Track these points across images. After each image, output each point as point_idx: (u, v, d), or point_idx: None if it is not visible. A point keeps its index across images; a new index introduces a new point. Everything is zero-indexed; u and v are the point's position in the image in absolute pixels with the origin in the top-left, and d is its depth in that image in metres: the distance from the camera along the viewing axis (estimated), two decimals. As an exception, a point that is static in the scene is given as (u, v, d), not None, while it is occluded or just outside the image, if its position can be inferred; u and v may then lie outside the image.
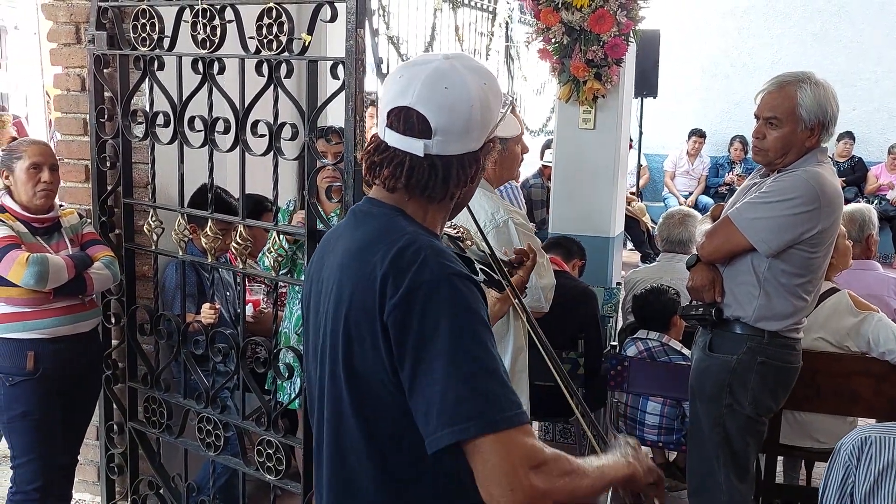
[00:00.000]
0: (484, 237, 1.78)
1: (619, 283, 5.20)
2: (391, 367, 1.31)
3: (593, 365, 3.64)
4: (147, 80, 2.86)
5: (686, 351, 3.45)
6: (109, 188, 3.11)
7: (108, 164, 3.08)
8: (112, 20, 2.95)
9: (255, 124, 2.59)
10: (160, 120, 2.84)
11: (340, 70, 2.40)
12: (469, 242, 1.82)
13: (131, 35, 2.87)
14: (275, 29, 2.48)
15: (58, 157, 2.95)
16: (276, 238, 2.76)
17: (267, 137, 2.56)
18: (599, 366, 3.68)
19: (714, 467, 2.74)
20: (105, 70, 3.02)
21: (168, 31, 2.78)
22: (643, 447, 4.13)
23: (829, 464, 1.81)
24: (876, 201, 8.67)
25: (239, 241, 2.72)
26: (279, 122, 2.54)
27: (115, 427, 3.25)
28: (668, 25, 8.16)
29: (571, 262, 4.13)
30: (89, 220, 3.05)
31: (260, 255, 3.21)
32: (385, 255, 1.33)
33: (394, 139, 1.38)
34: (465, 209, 1.59)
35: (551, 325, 2.50)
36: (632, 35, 4.82)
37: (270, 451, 2.74)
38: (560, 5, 4.74)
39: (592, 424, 1.60)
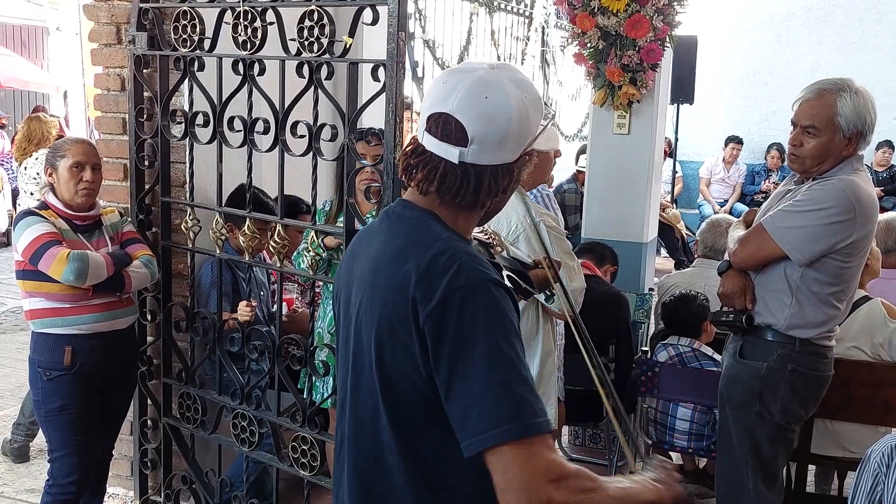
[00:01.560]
0: (536, 229, 1.77)
1: (651, 289, 5.18)
2: (426, 371, 1.33)
3: (624, 370, 3.64)
4: (187, 80, 2.92)
5: (717, 356, 3.43)
6: (147, 187, 3.17)
7: (146, 162, 3.14)
8: (152, 21, 3.01)
9: (294, 125, 2.63)
10: (199, 120, 2.89)
11: (381, 72, 2.43)
12: (499, 248, 1.83)
13: (172, 36, 2.93)
14: (316, 31, 2.52)
15: (97, 156, 3.02)
16: (314, 237, 2.80)
17: (306, 138, 2.60)
18: (630, 371, 3.67)
19: (743, 475, 2.72)
20: (145, 70, 3.08)
21: (208, 33, 2.83)
22: (672, 453, 4.07)
23: (858, 471, 1.80)
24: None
25: (277, 239, 2.76)
26: (318, 123, 2.58)
27: (150, 422, 3.30)
28: (706, 32, 8.10)
29: (604, 268, 4.12)
30: (129, 219, 3.11)
31: (294, 255, 3.25)
32: (420, 261, 1.35)
33: (431, 144, 1.40)
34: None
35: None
36: (668, 40, 4.80)
37: (305, 448, 2.78)
38: (596, 10, 4.73)
39: (626, 427, 1.60)
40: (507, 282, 1.76)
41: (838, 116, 2.51)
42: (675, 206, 8.73)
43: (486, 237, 1.84)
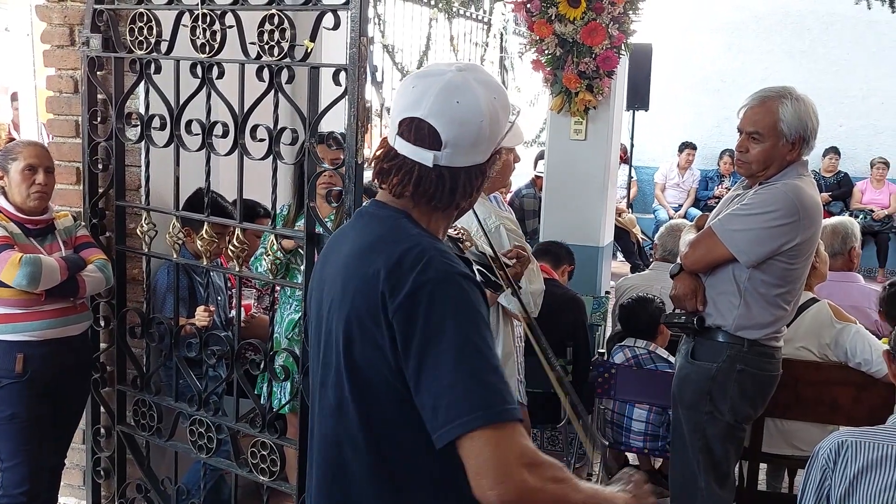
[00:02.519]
0: (486, 236, 1.81)
1: (608, 292, 5.25)
2: (395, 365, 1.34)
3: (581, 372, 3.68)
4: (143, 83, 2.88)
5: (672, 358, 3.49)
6: (101, 190, 3.12)
7: (99, 166, 3.09)
8: (107, 23, 2.96)
9: (254, 129, 2.62)
10: (156, 123, 2.86)
11: (342, 77, 2.44)
12: (468, 244, 1.86)
13: (127, 38, 2.90)
14: (276, 35, 2.51)
15: (48, 160, 2.97)
16: (274, 241, 2.79)
17: (266, 142, 2.60)
18: (587, 373, 3.72)
19: (695, 474, 2.78)
20: (99, 72, 3.03)
21: (165, 35, 2.80)
22: (628, 453, 4.11)
23: (806, 468, 1.85)
24: (861, 216, 8.77)
25: (235, 244, 2.74)
26: (278, 126, 2.58)
27: (103, 430, 3.25)
28: (661, 40, 8.24)
29: (561, 268, 4.17)
30: (83, 223, 3.07)
31: (252, 259, 3.23)
32: (390, 256, 1.36)
33: (404, 148, 1.42)
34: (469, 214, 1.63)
35: (540, 331, 2.54)
36: (623, 48, 4.89)
37: (265, 453, 2.76)
38: (553, 17, 4.80)
39: (586, 426, 1.63)
40: (476, 276, 1.79)
41: (781, 122, 2.60)
42: (630, 210, 8.86)
43: (455, 233, 1.86)
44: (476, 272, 1.80)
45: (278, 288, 3.14)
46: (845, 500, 1.75)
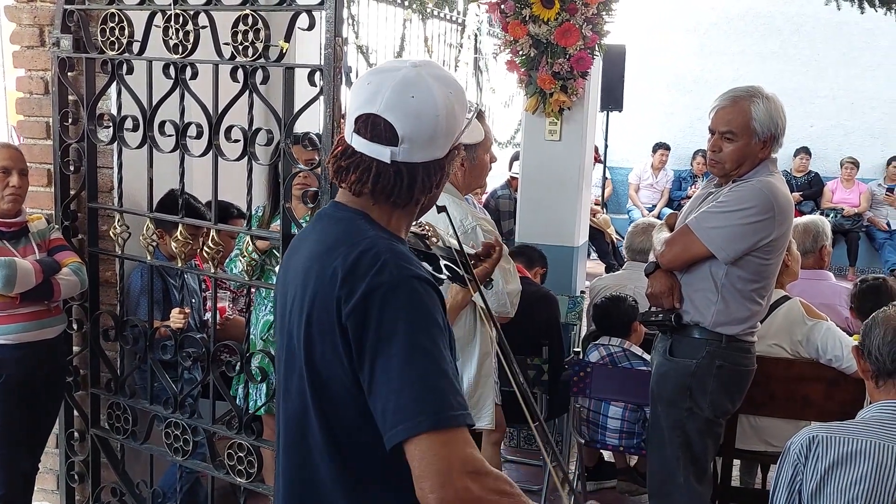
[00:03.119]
0: (455, 231, 1.81)
1: (583, 292, 5.28)
2: (350, 368, 1.34)
3: (556, 368, 3.70)
4: (115, 83, 2.86)
5: (647, 356, 3.52)
6: (73, 192, 3.09)
7: (71, 167, 3.06)
8: (78, 23, 2.94)
9: (228, 130, 2.61)
10: (128, 124, 2.84)
11: (318, 77, 2.43)
12: (435, 239, 1.85)
13: (98, 38, 2.87)
14: (251, 35, 2.50)
15: (18, 162, 2.93)
16: (249, 242, 2.78)
17: (241, 143, 2.59)
18: (562, 369, 3.74)
19: (674, 470, 2.81)
20: (70, 73, 3.01)
21: (138, 35, 2.78)
22: (604, 451, 4.13)
23: (779, 463, 1.88)
24: (831, 215, 8.89)
25: (211, 245, 2.73)
26: (253, 127, 2.57)
27: (76, 434, 3.22)
28: (634, 41, 8.31)
29: (533, 270, 4.20)
30: (57, 226, 3.04)
31: (227, 261, 3.22)
32: (345, 259, 1.36)
33: (361, 145, 1.41)
34: (435, 209, 1.63)
35: (515, 330, 2.56)
36: (597, 49, 4.92)
37: (241, 455, 2.75)
38: (527, 18, 4.82)
39: (545, 433, 1.63)
40: (444, 271, 1.79)
41: (753, 121, 2.65)
42: (605, 211, 8.91)
43: (421, 229, 1.85)
44: (444, 267, 1.80)
45: (253, 289, 3.12)
46: (817, 494, 1.77)
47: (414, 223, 1.64)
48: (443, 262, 1.80)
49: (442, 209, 1.69)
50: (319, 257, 1.42)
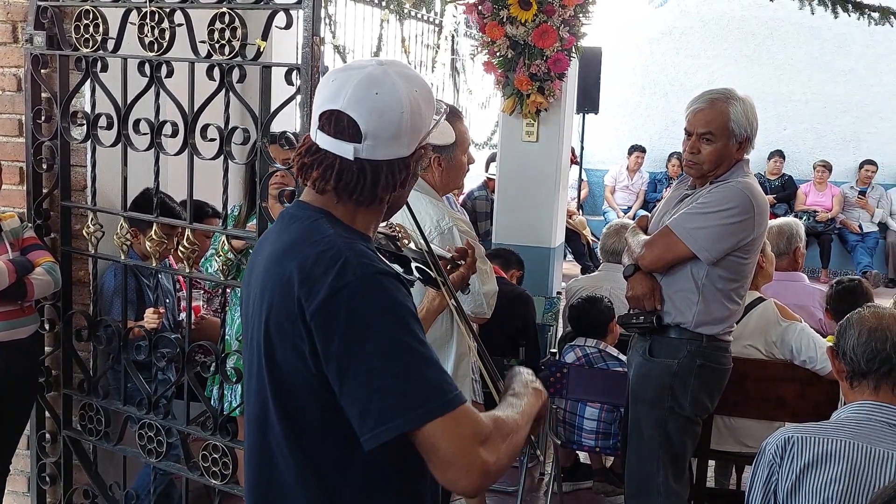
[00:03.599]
0: (422, 234, 1.79)
1: (559, 293, 5.30)
2: (315, 368, 1.32)
3: (532, 369, 3.69)
4: (89, 81, 2.83)
5: (623, 357, 3.53)
6: (45, 191, 3.05)
7: (44, 165, 3.02)
8: (52, 20, 2.90)
9: (204, 128, 2.59)
10: (102, 122, 2.81)
11: (295, 76, 2.42)
12: (406, 241, 1.83)
13: (73, 35, 2.83)
14: (227, 34, 2.48)
15: (-9, 160, 2.90)
16: (225, 242, 2.75)
17: (217, 142, 2.56)
18: (538, 369, 3.74)
19: (653, 469, 2.82)
20: (43, 70, 2.97)
21: (112, 33, 2.75)
22: (580, 452, 4.14)
23: (754, 464, 1.89)
24: (804, 217, 9.00)
25: (186, 245, 2.70)
26: (229, 126, 2.55)
27: (48, 436, 3.17)
28: (610, 43, 8.35)
29: (510, 273, 4.21)
30: (30, 225, 2.99)
31: (203, 260, 3.19)
32: (304, 259, 1.34)
33: (324, 141, 1.40)
34: (405, 210, 1.62)
35: (491, 329, 2.56)
36: (574, 51, 4.94)
37: (216, 456, 2.72)
38: (505, 20, 4.83)
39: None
40: (415, 273, 1.78)
41: (731, 122, 2.69)
42: (581, 212, 8.95)
43: (392, 230, 1.84)
44: (415, 269, 1.79)
45: (229, 289, 3.10)
46: (792, 494, 1.79)
47: (384, 224, 1.63)
48: (414, 265, 1.78)
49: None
50: (277, 258, 1.40)
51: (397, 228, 1.85)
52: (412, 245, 1.83)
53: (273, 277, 1.39)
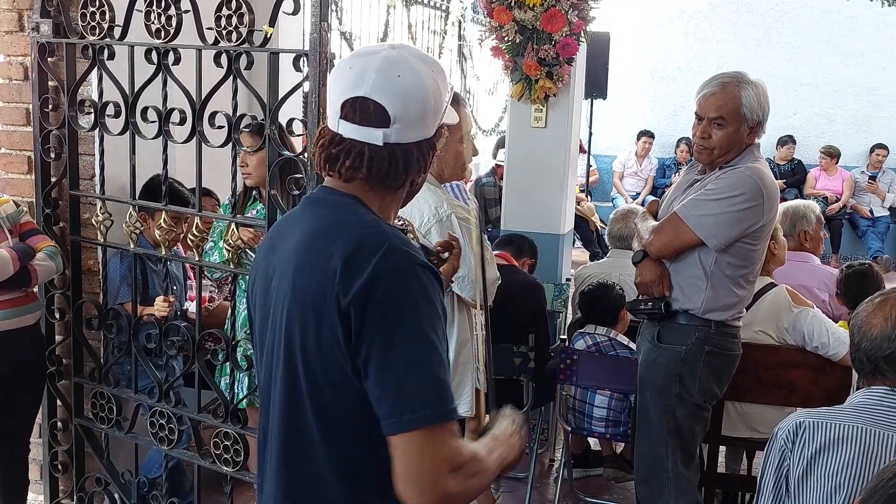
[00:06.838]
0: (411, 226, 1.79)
1: (568, 280, 5.28)
2: (348, 352, 1.32)
3: (542, 357, 3.70)
4: (96, 69, 2.82)
5: (632, 345, 3.52)
6: (54, 180, 3.05)
7: (52, 154, 3.02)
8: (58, 7, 2.89)
9: (212, 116, 2.58)
10: (110, 110, 2.80)
11: (303, 62, 2.41)
12: (411, 235, 1.83)
13: (79, 23, 2.83)
14: (234, 20, 2.47)
15: (-1, 149, 2.90)
16: (234, 230, 2.75)
17: (225, 129, 2.56)
18: (548, 357, 3.73)
19: (663, 455, 2.82)
20: (50, 59, 2.96)
21: (119, 20, 2.74)
22: (590, 439, 4.15)
23: (766, 449, 1.88)
24: (815, 202, 8.94)
25: (195, 232, 2.70)
26: (237, 113, 2.54)
27: (60, 424, 3.19)
28: (618, 28, 8.29)
29: (521, 261, 4.18)
30: (26, 210, 2.99)
31: (206, 250, 3.18)
32: (347, 244, 1.33)
33: (350, 130, 1.38)
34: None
35: (500, 318, 2.54)
36: (582, 35, 4.90)
37: (228, 443, 2.73)
38: (513, 4, 4.79)
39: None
40: None
41: (743, 107, 2.65)
42: (589, 199, 8.92)
43: (400, 224, 1.83)
44: None
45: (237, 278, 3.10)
46: (803, 479, 1.78)
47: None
48: None
49: None
50: (314, 240, 1.39)
51: (405, 222, 1.85)
52: (416, 241, 1.83)
53: (310, 261, 1.37)
